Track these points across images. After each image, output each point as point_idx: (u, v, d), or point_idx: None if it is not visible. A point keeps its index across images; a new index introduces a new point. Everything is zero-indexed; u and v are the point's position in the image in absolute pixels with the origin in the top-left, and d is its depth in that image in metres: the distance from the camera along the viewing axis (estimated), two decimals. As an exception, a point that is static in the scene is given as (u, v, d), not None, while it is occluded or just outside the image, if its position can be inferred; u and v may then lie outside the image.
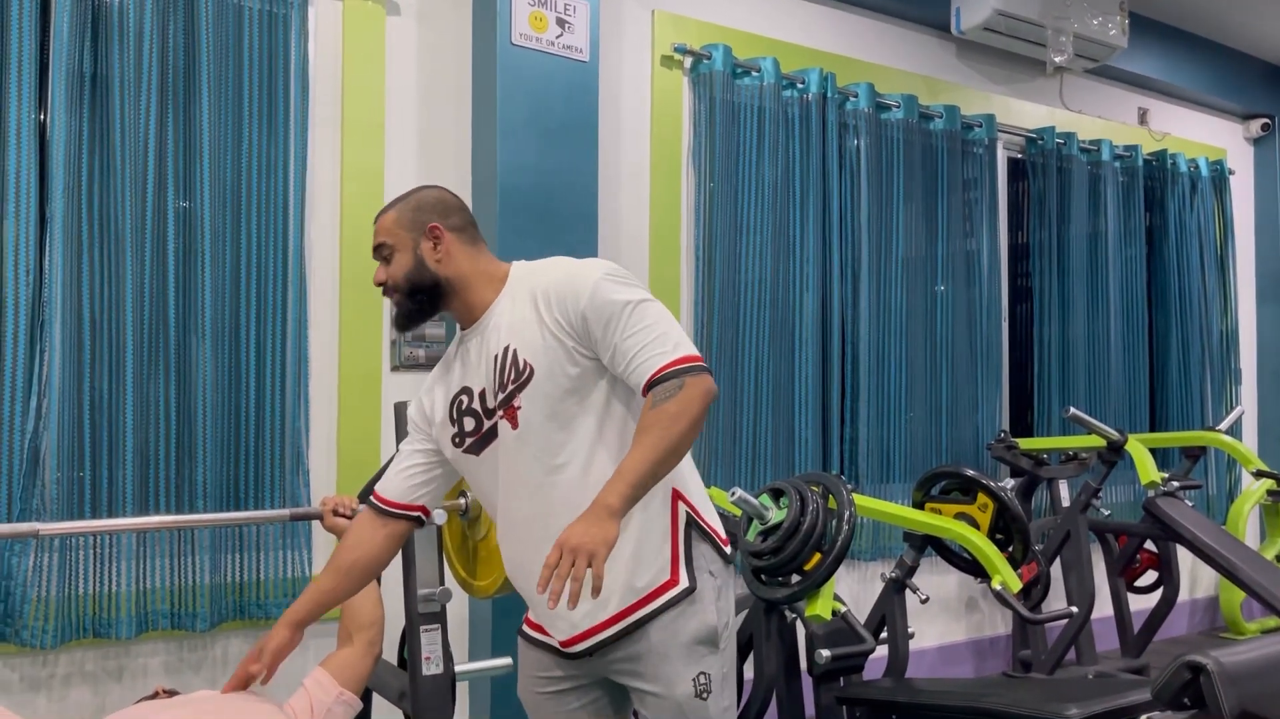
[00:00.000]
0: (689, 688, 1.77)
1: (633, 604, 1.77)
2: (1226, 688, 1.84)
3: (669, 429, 1.65)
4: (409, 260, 1.85)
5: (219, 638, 2.84)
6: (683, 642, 1.77)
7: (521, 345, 1.78)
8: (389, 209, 1.89)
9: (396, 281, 1.85)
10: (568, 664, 1.86)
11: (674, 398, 1.66)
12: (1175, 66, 5.25)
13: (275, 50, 2.87)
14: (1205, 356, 5.35)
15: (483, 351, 1.84)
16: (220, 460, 2.77)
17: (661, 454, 1.65)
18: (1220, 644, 2.07)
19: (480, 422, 1.84)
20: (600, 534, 1.56)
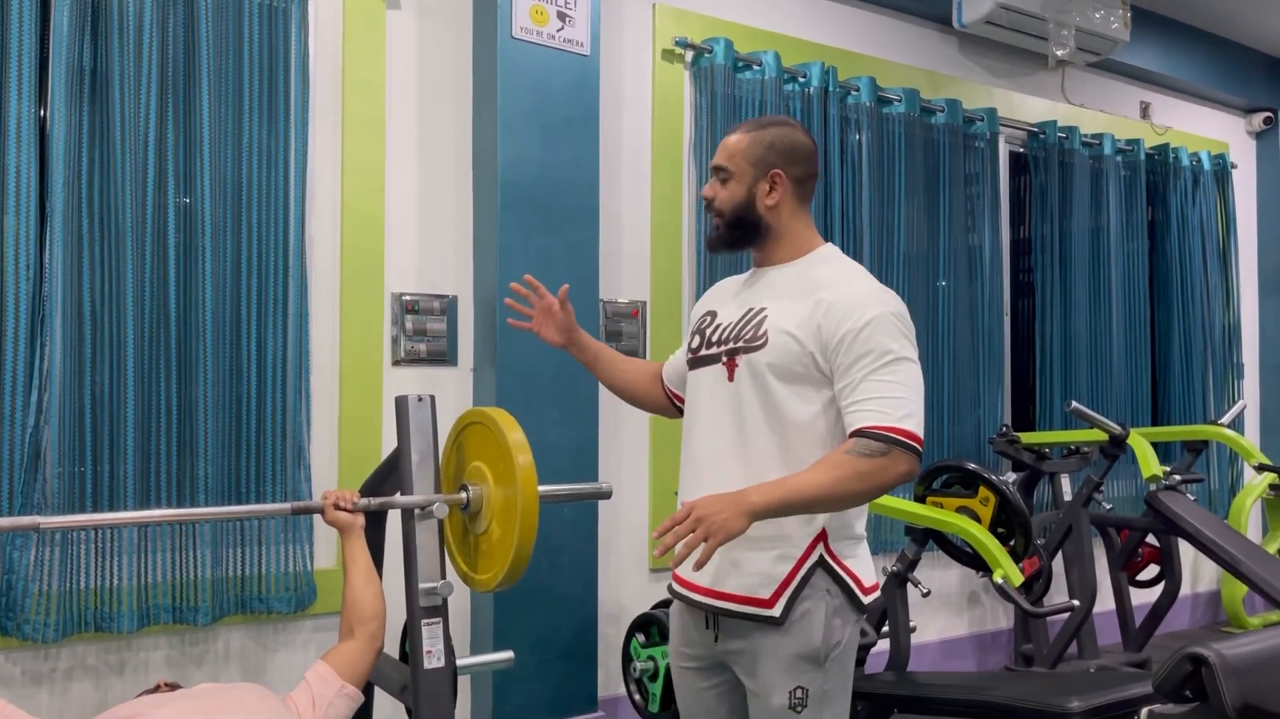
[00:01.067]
0: (784, 699, 1.80)
1: (729, 594, 1.83)
2: (1228, 680, 1.84)
3: (849, 481, 1.68)
4: (741, 194, 1.89)
5: (220, 632, 2.84)
6: (786, 654, 1.81)
7: (774, 316, 1.83)
8: (742, 132, 1.92)
9: (723, 208, 1.91)
10: (701, 639, 1.92)
11: (873, 458, 1.68)
12: (1177, 60, 5.24)
13: (275, 44, 2.87)
14: (1207, 350, 5.34)
15: (748, 295, 1.93)
16: (221, 454, 2.77)
17: (827, 494, 1.68)
18: (1218, 638, 2.06)
19: (703, 345, 1.95)
20: (729, 522, 1.61)
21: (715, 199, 1.92)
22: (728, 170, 1.91)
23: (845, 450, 1.70)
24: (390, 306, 3.12)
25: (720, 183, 1.92)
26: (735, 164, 1.90)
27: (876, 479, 1.69)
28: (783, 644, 1.80)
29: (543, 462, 2.36)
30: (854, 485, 1.68)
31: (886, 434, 1.69)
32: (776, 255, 1.92)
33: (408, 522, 2.24)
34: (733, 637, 1.86)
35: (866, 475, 1.68)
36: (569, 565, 3.18)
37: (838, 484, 1.68)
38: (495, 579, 2.31)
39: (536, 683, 3.11)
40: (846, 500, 1.71)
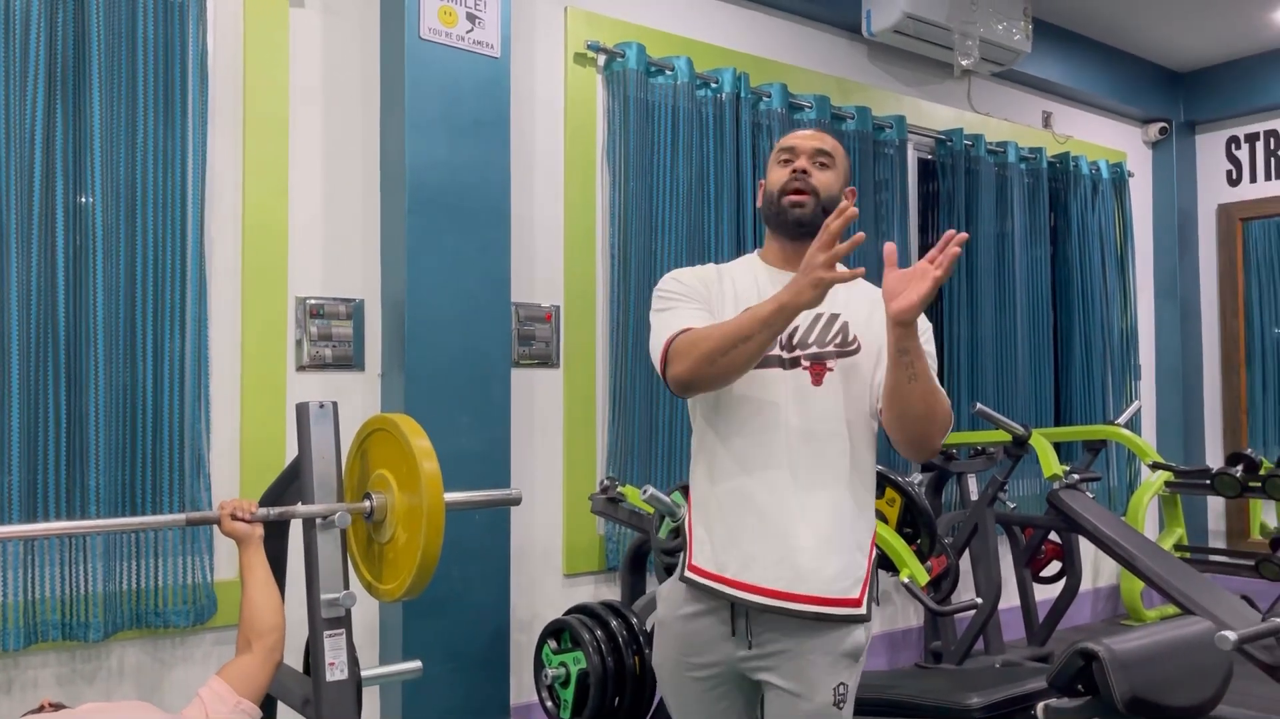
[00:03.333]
0: (829, 696, 1.80)
1: (822, 598, 1.79)
2: (1117, 674, 1.90)
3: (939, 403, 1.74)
4: (838, 185, 1.92)
5: (114, 648, 2.74)
6: (837, 653, 1.81)
7: (854, 322, 1.87)
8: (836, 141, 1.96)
9: (823, 189, 1.89)
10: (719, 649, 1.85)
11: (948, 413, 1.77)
12: (1077, 72, 5.41)
13: (172, 41, 2.78)
14: (1106, 353, 5.53)
15: None
16: (115, 464, 2.67)
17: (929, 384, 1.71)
18: (1115, 632, 2.13)
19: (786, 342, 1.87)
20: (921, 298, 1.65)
21: (813, 177, 1.89)
22: (832, 159, 1.92)
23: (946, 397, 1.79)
24: (294, 311, 3.05)
25: (819, 167, 1.91)
26: (839, 159, 1.94)
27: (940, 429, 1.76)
28: (834, 642, 1.81)
29: (453, 468, 2.33)
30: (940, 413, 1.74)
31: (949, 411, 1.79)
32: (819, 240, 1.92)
33: (309, 531, 2.19)
34: (772, 637, 1.82)
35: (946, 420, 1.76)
36: (480, 573, 3.15)
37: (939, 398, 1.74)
38: (400, 589, 2.27)
39: (447, 692, 3.07)
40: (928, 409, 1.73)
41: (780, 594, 1.79)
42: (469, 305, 3.15)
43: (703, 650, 1.88)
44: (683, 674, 1.92)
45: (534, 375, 3.53)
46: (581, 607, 3.12)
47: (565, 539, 3.58)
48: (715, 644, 1.87)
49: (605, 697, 2.89)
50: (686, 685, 1.92)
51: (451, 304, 3.11)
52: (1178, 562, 3.64)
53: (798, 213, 1.88)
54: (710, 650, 1.87)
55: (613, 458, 3.65)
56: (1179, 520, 5.21)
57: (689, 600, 1.90)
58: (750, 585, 1.81)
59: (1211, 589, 3.40)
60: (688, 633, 1.90)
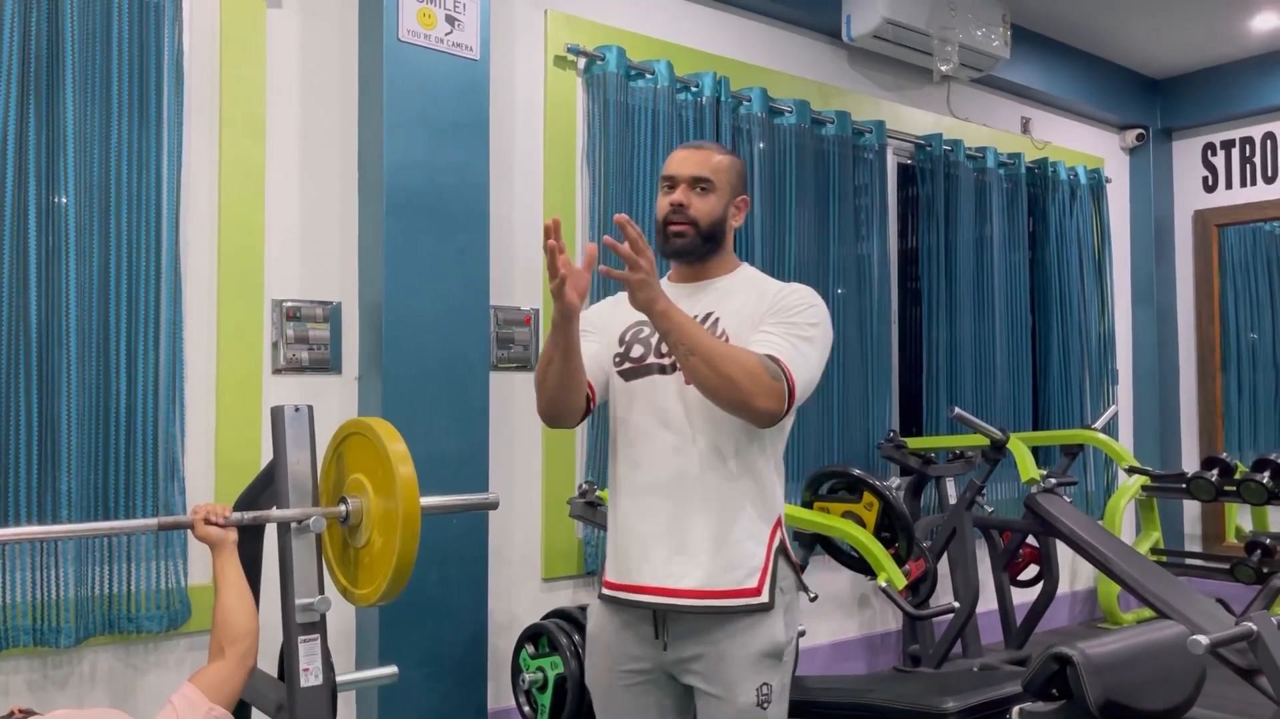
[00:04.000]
0: (752, 697, 1.83)
1: (711, 590, 1.84)
2: (1091, 678, 1.91)
3: (738, 367, 1.74)
4: (720, 208, 1.96)
5: (86, 653, 2.71)
6: (752, 652, 1.84)
7: (725, 317, 1.93)
8: (717, 152, 1.99)
9: (702, 218, 1.94)
10: (644, 652, 1.91)
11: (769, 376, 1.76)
12: (1055, 78, 5.45)
13: (147, 40, 2.75)
14: (1084, 357, 5.56)
15: (689, 305, 1.93)
16: (87, 468, 2.64)
17: (715, 355, 1.74)
18: (1091, 635, 2.14)
19: (646, 355, 1.95)
20: (653, 287, 1.72)
21: (690, 207, 1.94)
22: (712, 183, 1.95)
23: (755, 353, 1.79)
24: (270, 313, 3.03)
25: (699, 193, 1.95)
26: (719, 179, 1.96)
27: (754, 390, 1.75)
28: (750, 642, 1.84)
29: (430, 472, 2.32)
30: (735, 372, 1.74)
31: (786, 373, 1.79)
32: (715, 270, 2.01)
33: (284, 536, 2.18)
34: (688, 641, 1.87)
35: (753, 378, 1.75)
36: (458, 577, 3.13)
37: (726, 358, 1.75)
38: (376, 593, 2.26)
39: (424, 697, 3.05)
40: (717, 377, 1.75)
41: (678, 592, 1.85)
42: (447, 308, 3.13)
43: (631, 658, 1.94)
44: (615, 685, 1.97)
45: (513, 379, 3.51)
46: (559, 611, 3.11)
47: (543, 543, 3.57)
48: (641, 650, 1.93)
49: (583, 701, 2.88)
50: (617, 696, 1.97)
51: (430, 307, 3.10)
52: (1153, 565, 3.66)
53: (678, 243, 1.96)
54: (638, 658, 1.93)
55: (591, 462, 3.64)
56: (1155, 524, 5.25)
57: (612, 614, 1.97)
58: (650, 588, 1.88)
59: (1186, 593, 3.42)
60: (615, 644, 1.96)
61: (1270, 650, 2.02)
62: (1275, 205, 5.77)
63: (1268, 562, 4.26)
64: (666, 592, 1.86)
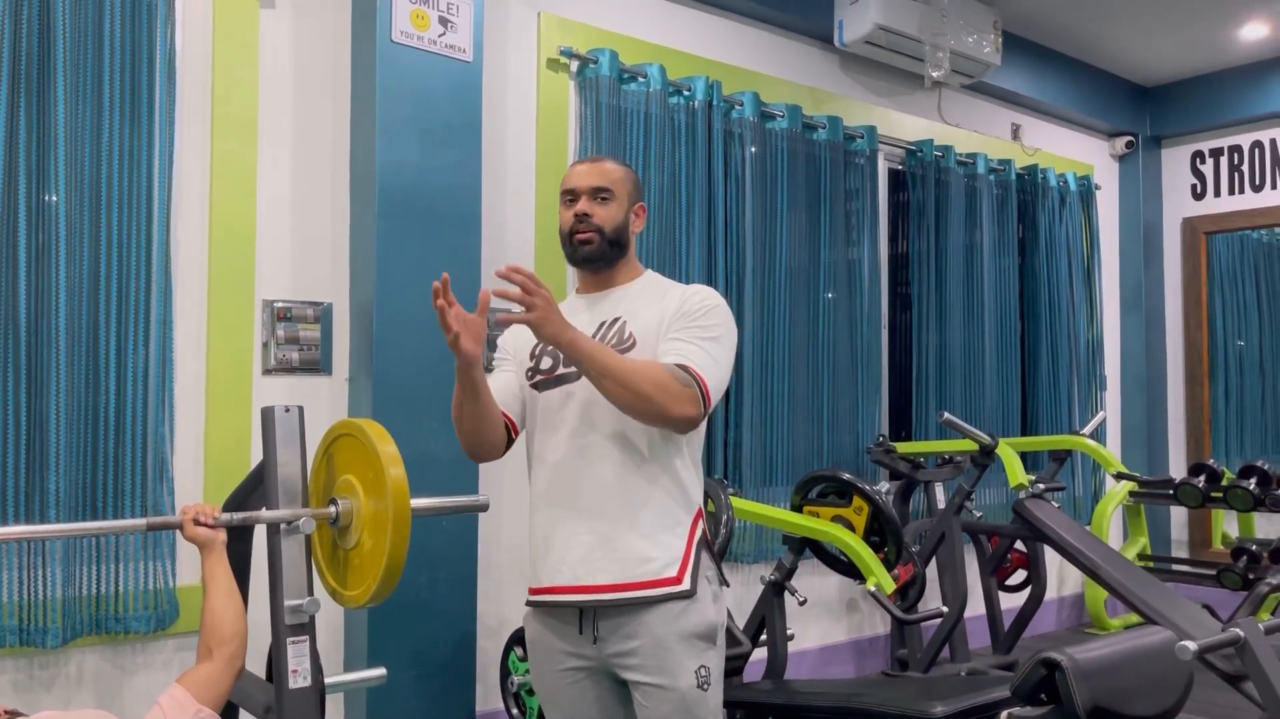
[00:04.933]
0: (692, 679, 1.90)
1: (631, 583, 1.91)
2: (1079, 683, 1.92)
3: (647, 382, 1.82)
4: (620, 215, 2.06)
5: (73, 654, 2.70)
6: (683, 634, 1.90)
7: (632, 320, 2.00)
8: (613, 163, 2.09)
9: (605, 226, 2.03)
10: (579, 647, 1.97)
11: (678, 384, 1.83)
12: (1046, 85, 5.47)
13: (139, 39, 2.75)
14: (1073, 363, 5.59)
15: (592, 313, 2.05)
16: (76, 468, 2.63)
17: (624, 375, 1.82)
18: (1078, 640, 2.15)
19: (557, 365, 2.02)
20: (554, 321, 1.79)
21: (594, 216, 2.04)
22: (611, 192, 2.05)
23: (663, 365, 1.87)
24: (261, 313, 3.02)
25: (600, 202, 2.04)
26: (617, 188, 2.06)
27: (666, 401, 1.83)
28: (683, 624, 1.90)
29: (420, 474, 2.32)
30: (647, 388, 1.82)
31: (697, 378, 1.86)
32: (620, 277, 2.09)
33: (273, 537, 2.17)
34: (619, 635, 1.93)
35: (665, 390, 1.83)
36: (447, 579, 3.13)
37: (638, 375, 1.83)
38: (365, 595, 2.25)
39: (412, 699, 3.05)
40: (631, 395, 1.83)
41: (597, 588, 1.93)
42: (438, 310, 3.13)
43: (565, 655, 2.01)
44: (557, 684, 2.03)
45: (503, 381, 3.51)
46: (549, 613, 3.10)
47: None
48: (573, 647, 1.99)
49: (571, 704, 2.87)
50: (559, 694, 2.03)
51: (421, 308, 3.09)
52: (1140, 571, 3.68)
53: (585, 250, 2.04)
54: (571, 653, 2.00)
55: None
56: (1142, 530, 5.27)
57: (541, 619, 2.05)
58: (570, 587, 1.95)
59: (1173, 599, 3.44)
60: (549, 645, 2.03)
61: (1257, 656, 2.03)
62: (1263, 213, 5.81)
63: (1254, 568, 4.28)
64: (586, 589, 1.93)
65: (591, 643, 1.96)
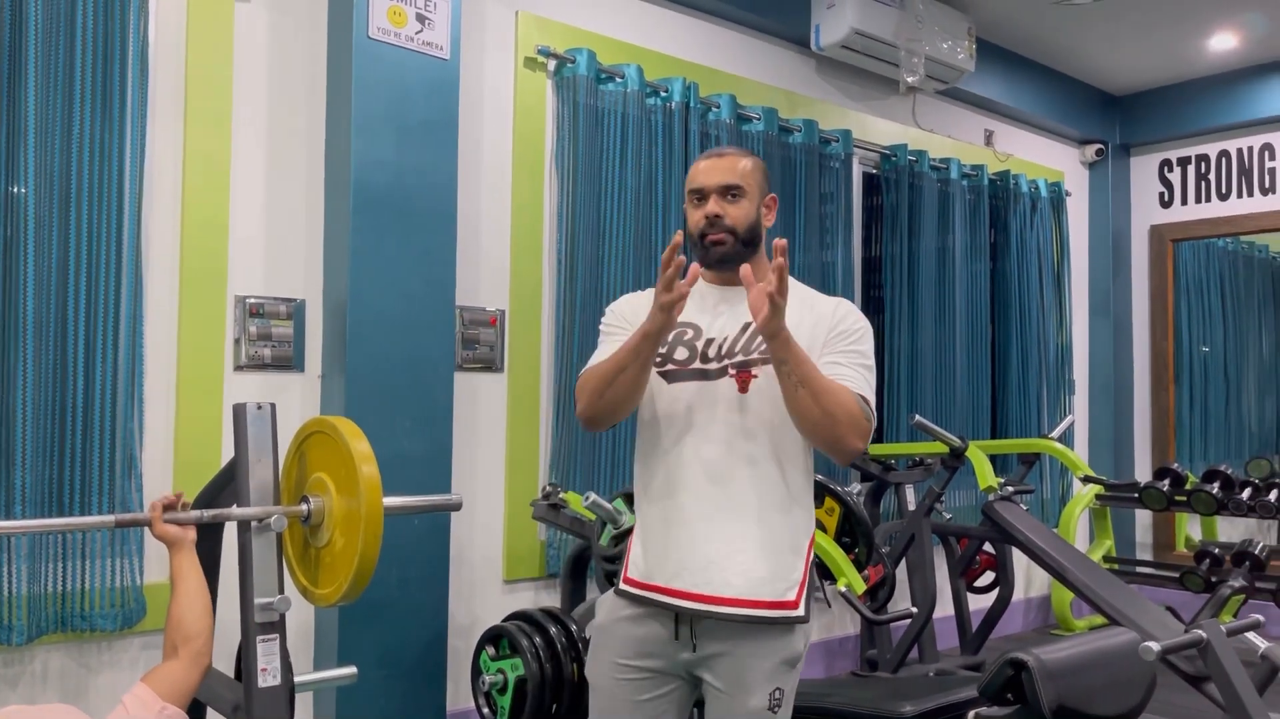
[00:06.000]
0: (764, 700, 1.86)
1: (753, 600, 1.86)
2: (1045, 683, 1.94)
3: (842, 409, 1.80)
4: (753, 211, 1.99)
5: (38, 651, 2.67)
6: (775, 660, 1.88)
7: None
8: (741, 156, 2.00)
9: (736, 223, 1.96)
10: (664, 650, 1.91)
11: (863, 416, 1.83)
12: (1019, 92, 5.53)
13: (112, 31, 2.72)
14: (1042, 368, 5.64)
15: (735, 309, 1.96)
16: (42, 463, 2.60)
17: (826, 393, 1.79)
18: (1045, 641, 2.17)
19: (693, 358, 1.95)
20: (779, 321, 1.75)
21: (725, 215, 1.97)
22: (741, 189, 1.98)
23: (851, 391, 1.84)
24: (233, 309, 3.00)
25: (730, 200, 1.98)
26: (747, 184, 1.99)
27: (850, 429, 1.81)
28: (772, 649, 1.87)
29: (393, 472, 2.31)
30: (838, 412, 1.80)
31: (872, 413, 1.86)
32: (757, 273, 1.96)
33: (244, 535, 2.16)
34: (716, 641, 1.89)
35: (851, 418, 1.81)
36: (419, 578, 3.12)
37: (833, 396, 1.80)
38: (337, 594, 2.24)
39: (382, 698, 3.03)
40: (823, 415, 1.79)
41: (712, 599, 1.86)
42: (412, 308, 3.12)
43: (644, 653, 1.93)
44: (616, 678, 1.95)
45: (477, 379, 3.51)
46: (521, 613, 3.11)
47: (506, 545, 3.56)
48: (658, 646, 1.92)
49: (543, 703, 2.88)
50: (619, 689, 1.95)
51: (395, 306, 3.09)
52: (1106, 573, 3.73)
53: (719, 250, 1.98)
54: (653, 653, 1.93)
55: (555, 464, 3.64)
56: (1108, 533, 5.33)
57: (629, 609, 1.96)
58: (682, 592, 1.88)
59: (1137, 600, 3.49)
60: (629, 636, 1.95)
61: (1219, 657, 2.06)
62: (1229, 221, 5.90)
63: (1216, 570, 4.35)
64: (705, 598, 1.86)
65: (690, 649, 1.90)
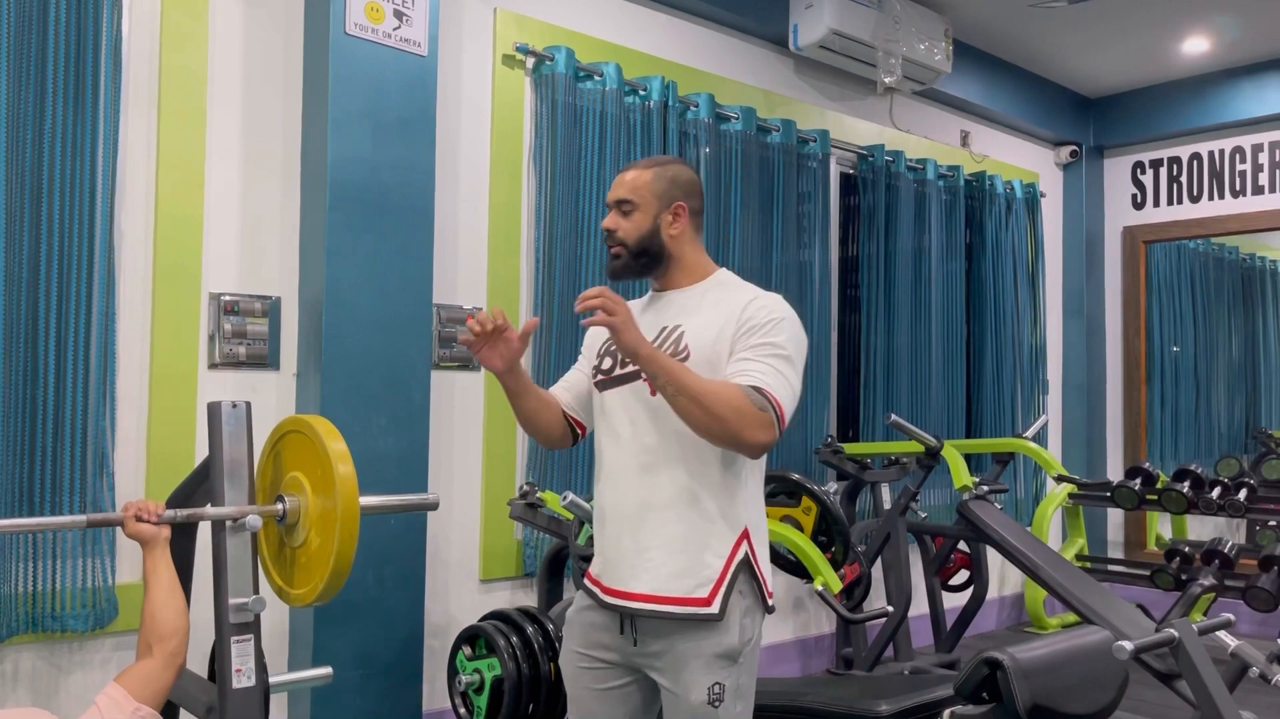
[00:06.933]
0: (703, 695, 1.89)
1: (662, 597, 1.91)
2: (1020, 682, 1.96)
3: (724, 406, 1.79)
4: (647, 224, 2.02)
5: (8, 652, 2.63)
6: (708, 654, 1.90)
7: (691, 330, 1.96)
8: (643, 168, 2.05)
9: (626, 238, 2.02)
10: (614, 643, 1.99)
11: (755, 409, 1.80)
12: (994, 93, 5.56)
13: (85, 24, 2.68)
14: (1016, 367, 5.69)
15: (656, 317, 2.03)
16: (12, 461, 2.57)
17: (701, 396, 1.79)
18: (1019, 640, 2.19)
19: (615, 365, 2.02)
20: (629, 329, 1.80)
21: (618, 230, 2.03)
22: (631, 203, 2.03)
23: (739, 387, 1.82)
24: (207, 307, 2.97)
25: (623, 215, 2.03)
26: (640, 197, 2.03)
27: (742, 425, 1.80)
28: (704, 644, 1.90)
29: (369, 471, 2.30)
30: (724, 411, 1.79)
31: (774, 404, 1.83)
32: (679, 280, 2.06)
33: (219, 534, 2.14)
34: (653, 638, 1.94)
35: (741, 414, 1.80)
36: (394, 578, 3.10)
37: (714, 397, 1.79)
38: (312, 593, 2.23)
39: (358, 699, 3.02)
40: (707, 417, 1.80)
41: (628, 595, 1.94)
42: (389, 305, 3.10)
43: (598, 644, 2.03)
44: (578, 667, 2.06)
45: (454, 378, 3.49)
46: (497, 613, 3.10)
47: (482, 544, 3.55)
48: (609, 638, 2.01)
49: (519, 703, 2.87)
50: (580, 677, 2.05)
51: (371, 304, 3.07)
52: (1078, 572, 3.76)
53: (614, 265, 2.06)
54: (605, 645, 2.02)
55: (533, 463, 3.63)
56: (1080, 531, 5.38)
57: (587, 602, 2.07)
58: (610, 589, 1.98)
59: (1110, 599, 3.52)
60: (587, 625, 2.05)
61: (1191, 656, 2.08)
62: (1200, 223, 5.97)
63: (1186, 569, 4.39)
64: (625, 594, 1.95)
65: (632, 644, 1.97)
